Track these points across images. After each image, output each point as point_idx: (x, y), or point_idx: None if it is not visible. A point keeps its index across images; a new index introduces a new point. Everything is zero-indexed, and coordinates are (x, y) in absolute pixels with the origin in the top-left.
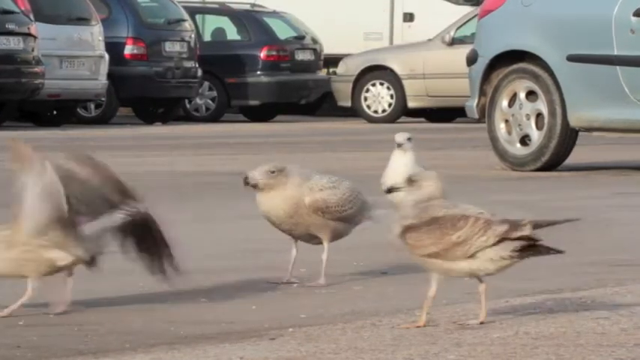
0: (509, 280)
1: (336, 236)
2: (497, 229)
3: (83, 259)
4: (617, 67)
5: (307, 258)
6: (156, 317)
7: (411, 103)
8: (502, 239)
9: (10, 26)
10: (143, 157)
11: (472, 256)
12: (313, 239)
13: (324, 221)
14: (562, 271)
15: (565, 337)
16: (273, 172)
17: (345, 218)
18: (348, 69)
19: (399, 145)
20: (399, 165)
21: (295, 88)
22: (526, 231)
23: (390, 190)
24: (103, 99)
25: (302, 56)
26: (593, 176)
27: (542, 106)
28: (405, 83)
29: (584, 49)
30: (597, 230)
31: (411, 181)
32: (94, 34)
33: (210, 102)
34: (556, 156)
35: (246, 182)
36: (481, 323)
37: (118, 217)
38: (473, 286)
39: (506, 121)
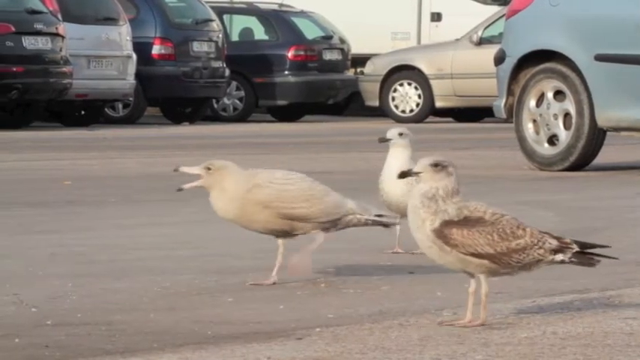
0: (537, 280)
1: (284, 234)
2: (552, 243)
3: None
4: None
5: (333, 258)
6: (183, 317)
7: (439, 103)
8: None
9: (39, 26)
10: (170, 157)
11: (528, 265)
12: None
13: (273, 218)
14: (589, 271)
15: (593, 337)
16: (209, 169)
17: (299, 217)
18: (375, 69)
19: (383, 140)
20: (393, 163)
21: (323, 88)
22: (574, 248)
23: (403, 175)
24: (130, 99)
25: (329, 56)
26: (620, 176)
27: (569, 105)
28: (433, 83)
29: (612, 48)
30: (625, 230)
31: (437, 166)
32: (122, 34)
33: (237, 102)
34: (584, 156)
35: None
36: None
37: None
38: (499, 286)
39: (534, 120)
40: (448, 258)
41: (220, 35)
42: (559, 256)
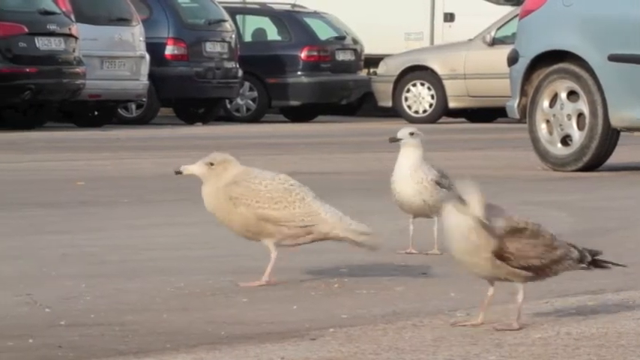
0: (551, 280)
1: (266, 235)
2: (574, 252)
3: None
4: None
5: (346, 258)
6: (196, 317)
7: (452, 104)
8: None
9: (52, 27)
10: (184, 157)
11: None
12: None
13: (246, 217)
14: (603, 272)
15: (607, 338)
16: (212, 164)
17: (269, 218)
18: (388, 69)
19: (393, 140)
20: (404, 163)
21: (336, 88)
22: (588, 258)
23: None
24: (143, 99)
25: (343, 56)
26: (634, 176)
27: (583, 106)
28: (446, 83)
29: (625, 48)
30: (638, 230)
31: (462, 200)
32: (135, 35)
33: (250, 102)
34: (597, 156)
35: (178, 172)
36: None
37: None
38: (513, 287)
39: (548, 121)
40: (499, 270)
41: (233, 36)
42: (581, 265)
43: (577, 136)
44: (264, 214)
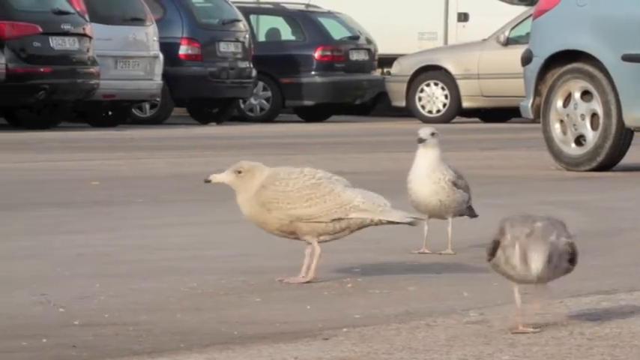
0: (564, 280)
1: (304, 233)
2: None
3: None
4: None
5: (359, 258)
6: (210, 317)
7: (466, 103)
8: None
9: (66, 27)
10: (198, 157)
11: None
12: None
13: (279, 219)
14: (617, 272)
15: (620, 338)
16: (239, 172)
17: (302, 217)
18: (402, 69)
19: (421, 141)
20: (422, 163)
21: (350, 88)
22: None
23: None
24: (157, 99)
25: (356, 56)
26: None
27: (597, 106)
28: (460, 83)
29: (639, 48)
30: None
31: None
32: (149, 35)
33: (264, 102)
34: (611, 156)
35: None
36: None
37: None
38: (529, 287)
39: (561, 121)
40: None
41: (247, 35)
42: None
43: (591, 136)
44: (296, 214)
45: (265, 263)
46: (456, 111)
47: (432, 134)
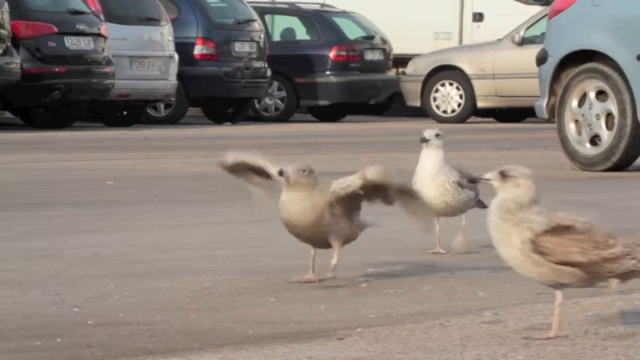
0: None
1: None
2: None
3: None
4: None
5: (374, 258)
6: (224, 317)
7: (481, 103)
8: None
9: (81, 27)
10: (213, 157)
11: (623, 276)
12: (327, 246)
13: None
14: None
15: (635, 338)
16: (304, 170)
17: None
18: (417, 69)
19: (424, 141)
20: (425, 165)
21: (364, 88)
22: None
23: (471, 181)
24: (172, 99)
25: (371, 56)
26: None
27: (612, 105)
28: (475, 83)
29: None
30: None
31: (504, 175)
32: (164, 35)
33: (279, 102)
34: (626, 156)
35: (280, 174)
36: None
37: None
38: (541, 287)
39: (576, 121)
40: (541, 269)
41: (262, 35)
42: None
43: (606, 135)
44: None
45: (279, 263)
46: (471, 111)
47: (437, 135)
